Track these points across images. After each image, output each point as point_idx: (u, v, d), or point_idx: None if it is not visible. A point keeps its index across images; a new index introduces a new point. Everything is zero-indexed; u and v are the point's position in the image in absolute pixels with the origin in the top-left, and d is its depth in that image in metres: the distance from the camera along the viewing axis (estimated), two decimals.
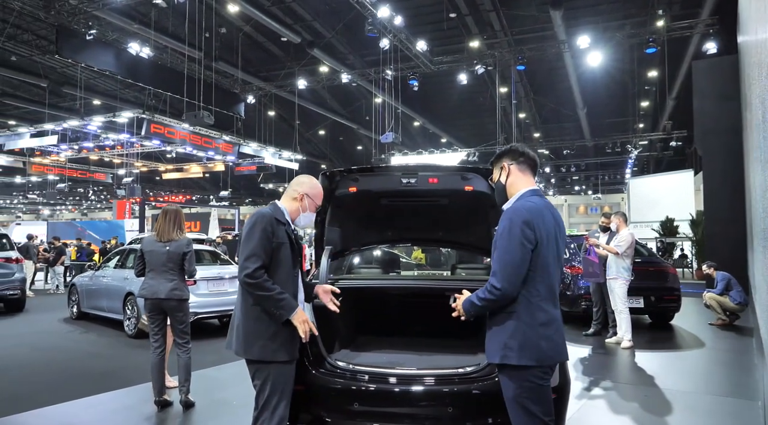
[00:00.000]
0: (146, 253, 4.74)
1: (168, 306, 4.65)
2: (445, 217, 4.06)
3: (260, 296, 2.60)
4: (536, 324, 2.32)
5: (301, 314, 2.66)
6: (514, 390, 2.33)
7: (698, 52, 18.78)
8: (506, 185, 2.55)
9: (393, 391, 2.96)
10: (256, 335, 2.67)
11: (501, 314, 2.37)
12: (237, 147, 22.79)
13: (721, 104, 11.77)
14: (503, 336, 2.34)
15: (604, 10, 19.61)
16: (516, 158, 2.56)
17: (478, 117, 30.82)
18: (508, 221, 2.35)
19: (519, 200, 2.45)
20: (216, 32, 19.03)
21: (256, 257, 2.60)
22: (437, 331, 4.12)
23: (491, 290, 2.32)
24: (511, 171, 2.54)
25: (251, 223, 2.72)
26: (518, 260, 2.29)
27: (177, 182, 34.98)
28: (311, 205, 2.90)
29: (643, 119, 27.66)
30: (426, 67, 20.31)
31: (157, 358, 4.68)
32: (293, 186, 2.92)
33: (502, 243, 2.33)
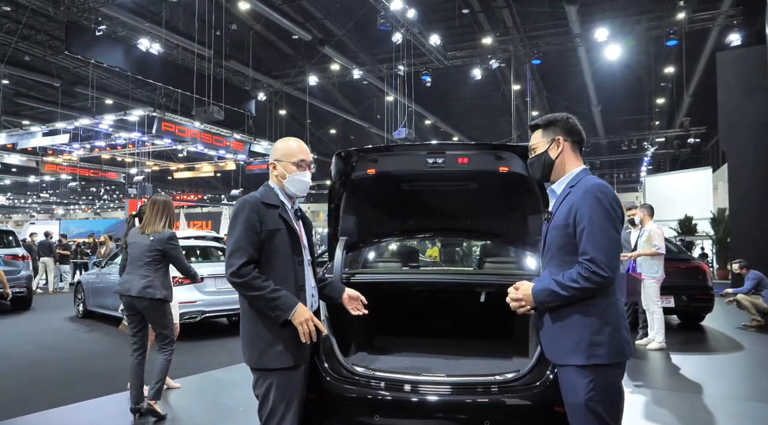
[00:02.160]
0: (129, 245, 4.34)
1: (140, 306, 4.18)
2: (475, 203, 3.65)
3: (251, 296, 2.28)
4: (618, 314, 2.08)
5: (302, 312, 2.29)
6: (586, 394, 2.03)
7: (718, 46, 18.30)
8: (556, 162, 2.26)
9: (420, 401, 2.58)
10: (254, 339, 2.34)
11: (578, 306, 2.07)
12: (248, 146, 22.61)
13: (748, 97, 11.34)
14: (585, 332, 2.05)
15: (621, 5, 19.17)
16: (572, 134, 2.28)
17: (490, 115, 30.46)
18: (595, 199, 2.06)
19: (587, 178, 2.17)
20: (227, 30, 18.86)
21: (240, 251, 2.27)
22: (463, 331, 3.77)
23: (590, 277, 2.00)
24: (565, 148, 2.26)
25: (234, 212, 2.39)
26: (617, 242, 2.06)
27: (188, 181, 34.92)
28: (287, 167, 2.46)
29: (658, 116, 27.13)
30: (439, 62, 20.01)
31: (135, 362, 4.25)
32: (269, 160, 2.56)
33: (597, 222, 2.03)
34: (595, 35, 17.69)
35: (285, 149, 2.50)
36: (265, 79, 23.91)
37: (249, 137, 22.70)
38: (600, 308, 2.05)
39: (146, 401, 4.18)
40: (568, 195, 2.17)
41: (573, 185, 2.19)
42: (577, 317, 2.07)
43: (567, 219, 2.12)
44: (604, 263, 1.99)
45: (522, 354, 3.19)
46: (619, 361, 2.06)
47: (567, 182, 2.23)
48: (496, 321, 3.67)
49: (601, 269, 1.99)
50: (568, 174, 2.24)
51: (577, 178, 2.20)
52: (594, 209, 2.05)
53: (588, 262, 2.01)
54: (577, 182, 2.18)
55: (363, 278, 3.41)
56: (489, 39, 20.25)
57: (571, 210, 2.11)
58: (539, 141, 2.32)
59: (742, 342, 7.47)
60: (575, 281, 2.03)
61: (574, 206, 2.10)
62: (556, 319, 2.13)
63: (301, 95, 25.44)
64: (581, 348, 2.04)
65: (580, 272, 2.02)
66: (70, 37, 14.03)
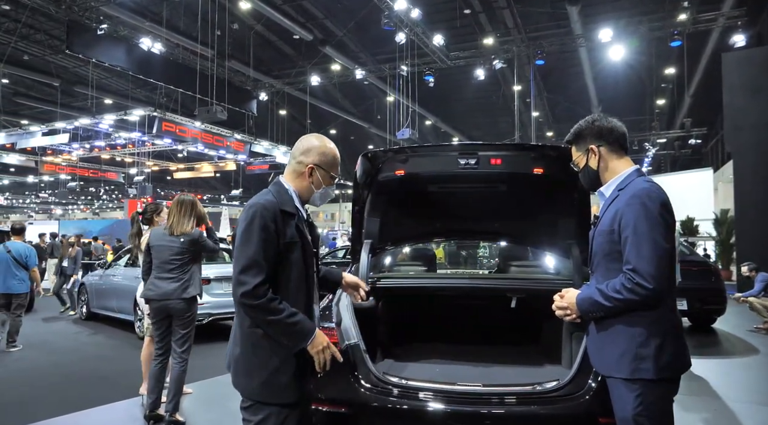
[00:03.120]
0: (154, 248, 4.24)
1: (175, 308, 4.13)
2: (505, 205, 3.53)
3: (266, 321, 1.93)
4: (672, 326, 1.97)
5: (320, 339, 1.99)
6: (634, 408, 1.92)
7: (719, 47, 18.29)
8: (599, 170, 2.16)
9: (460, 412, 2.49)
10: (254, 368, 1.99)
11: (624, 317, 1.96)
12: (248, 146, 22.51)
13: (753, 98, 11.30)
14: (630, 344, 1.94)
15: (622, 5, 19.16)
16: (604, 136, 2.15)
17: (491, 116, 30.44)
18: (641, 204, 1.94)
19: (636, 181, 2.05)
20: (228, 30, 18.78)
21: (256, 268, 1.91)
22: (488, 337, 3.67)
23: (633, 288, 1.89)
24: (602, 154, 2.15)
25: (248, 219, 1.97)
26: (668, 252, 1.91)
27: (188, 181, 34.77)
28: (325, 177, 2.13)
29: (659, 117, 27.14)
30: (442, 63, 19.94)
31: (158, 367, 4.20)
32: (297, 156, 2.15)
33: (641, 230, 1.91)
34: (598, 36, 17.68)
35: (331, 157, 2.15)
36: (266, 79, 23.82)
37: (250, 138, 22.61)
38: (647, 319, 1.95)
39: (166, 415, 4.10)
40: (616, 199, 2.06)
41: (622, 188, 2.08)
42: (622, 328, 1.97)
43: (612, 225, 2.02)
44: (649, 274, 1.87)
45: (553, 361, 3.12)
46: (668, 377, 1.95)
47: (616, 185, 2.12)
48: (522, 326, 3.59)
49: (645, 280, 1.87)
50: (618, 176, 2.14)
51: (627, 180, 2.09)
52: (639, 216, 1.93)
53: (631, 272, 1.91)
54: (626, 185, 2.07)
55: (389, 283, 3.32)
56: (490, 40, 20.20)
57: (617, 215, 2.01)
58: (577, 156, 2.25)
59: (756, 345, 7.40)
60: (618, 292, 1.93)
61: (620, 211, 2.00)
62: (602, 329, 2.04)
63: (301, 95, 25.36)
64: (626, 361, 1.95)
65: (623, 283, 1.92)
66: (72, 36, 13.92)
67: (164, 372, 4.29)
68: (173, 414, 4.11)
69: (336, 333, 2.72)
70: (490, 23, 20.44)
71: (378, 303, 3.16)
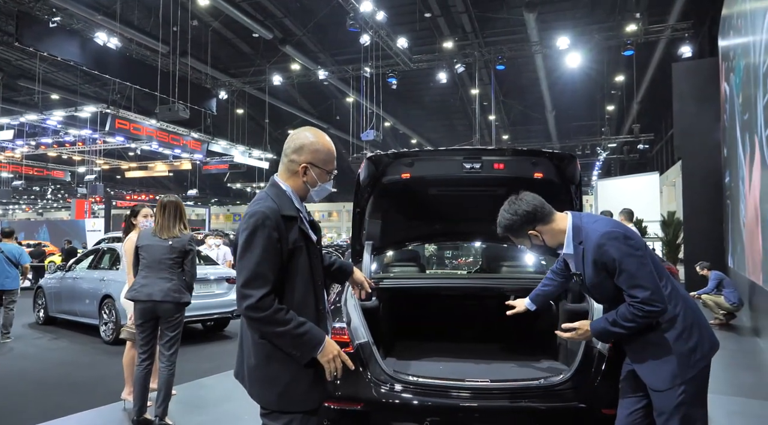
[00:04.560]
0: (142, 248, 4.16)
1: (163, 310, 4.06)
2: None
3: (273, 333, 1.87)
4: (695, 309, 2.24)
5: (330, 348, 1.94)
6: (678, 397, 2.11)
7: (665, 57, 19.26)
8: (546, 242, 2.35)
9: (470, 408, 2.58)
10: (270, 379, 1.94)
11: (661, 331, 2.18)
12: (206, 145, 22.06)
13: (701, 106, 11.96)
14: (681, 348, 2.15)
15: (577, 14, 19.89)
16: (532, 219, 2.33)
17: (448, 119, 30.91)
18: (612, 248, 2.15)
19: (588, 228, 2.25)
20: (185, 27, 18.33)
21: (261, 279, 1.85)
22: (487, 335, 3.79)
23: (648, 315, 2.12)
24: (542, 231, 2.34)
25: (249, 228, 1.89)
26: (652, 273, 2.15)
27: (140, 180, 33.70)
28: (321, 174, 2.04)
29: (608, 122, 28.26)
30: (405, 65, 20.12)
31: (143, 372, 4.10)
32: (289, 154, 2.04)
33: (627, 268, 2.13)
34: (554, 43, 18.23)
35: (326, 153, 2.05)
36: (224, 78, 23.41)
37: (207, 136, 22.14)
38: (676, 323, 2.17)
39: (156, 419, 4.00)
40: (584, 252, 2.24)
41: (581, 241, 2.26)
42: (667, 343, 2.16)
43: (599, 275, 2.21)
44: (653, 299, 2.10)
45: (549, 357, 3.26)
46: (710, 360, 2.19)
47: (572, 241, 2.30)
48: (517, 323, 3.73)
49: (652, 306, 2.10)
50: (566, 234, 2.31)
51: (576, 231, 2.28)
52: (617, 257, 2.14)
53: (639, 304, 2.12)
54: (582, 236, 2.26)
55: (391, 284, 3.39)
56: (450, 43, 20.54)
57: (597, 265, 2.20)
58: (520, 241, 2.43)
59: None
60: (633, 321, 2.14)
61: (598, 261, 2.19)
62: (648, 352, 2.20)
63: (259, 94, 25.05)
64: (683, 364, 2.13)
65: (635, 313, 2.13)
66: (22, 28, 13.26)
67: (150, 376, 4.21)
68: (163, 418, 4.03)
69: (347, 332, 2.77)
70: (448, 27, 20.78)
71: (380, 303, 3.23)
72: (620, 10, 18.74)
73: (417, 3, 18.84)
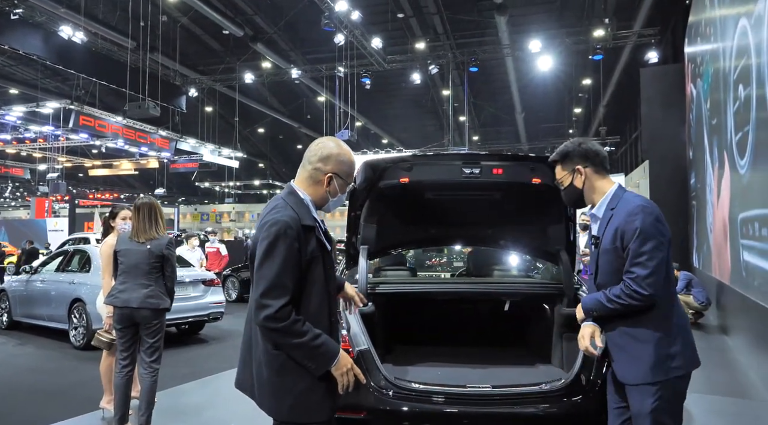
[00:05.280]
0: (120, 253, 4.04)
1: (140, 317, 3.93)
2: (499, 212, 3.64)
3: (289, 345, 1.86)
4: (686, 324, 2.19)
5: (344, 361, 1.93)
6: (652, 404, 2.09)
7: (630, 62, 19.78)
8: (584, 189, 2.33)
9: (473, 413, 2.57)
10: (282, 390, 1.92)
11: (646, 323, 2.13)
12: (174, 143, 21.56)
13: (668, 111, 12.32)
14: (660, 350, 2.11)
15: (547, 18, 20.23)
16: (590, 158, 2.32)
17: (420, 119, 31.02)
18: (639, 220, 2.11)
19: (626, 198, 2.23)
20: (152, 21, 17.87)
21: (280, 290, 1.83)
22: (482, 340, 3.80)
23: (633, 295, 2.08)
24: (587, 175, 2.32)
25: (271, 236, 1.87)
26: (663, 260, 2.10)
27: (104, 179, 32.75)
28: (342, 186, 2.06)
29: (576, 124, 28.84)
30: (379, 65, 20.10)
31: (124, 379, 3.97)
32: (314, 162, 2.02)
33: (641, 243, 2.09)
34: (525, 46, 18.51)
35: (350, 165, 2.07)
36: (193, 75, 22.96)
37: (175, 134, 21.67)
38: (664, 326, 2.13)
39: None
40: (612, 218, 2.21)
41: (613, 207, 2.23)
42: (646, 340, 2.13)
43: (614, 242, 2.18)
44: (646, 282, 2.06)
45: (545, 361, 3.29)
46: (692, 370, 2.17)
47: (606, 205, 2.27)
48: (513, 328, 3.76)
49: (641, 287, 2.07)
50: (605, 196, 2.29)
51: (616, 198, 2.25)
52: (638, 230, 2.11)
53: (630, 280, 2.10)
54: (617, 203, 2.23)
55: (388, 289, 3.36)
56: (422, 44, 20.63)
57: (617, 233, 2.16)
58: (562, 175, 2.40)
59: None
60: (618, 297, 2.12)
61: (620, 228, 2.16)
62: (627, 345, 2.18)
63: (229, 92, 24.65)
64: (658, 365, 2.11)
65: (622, 289, 2.12)
66: None
67: (130, 384, 4.08)
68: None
69: (347, 339, 2.74)
70: (420, 28, 20.86)
71: (376, 308, 3.20)
72: (588, 16, 19.17)
73: (389, 3, 18.87)
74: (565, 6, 19.67)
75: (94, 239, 13.05)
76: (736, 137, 6.25)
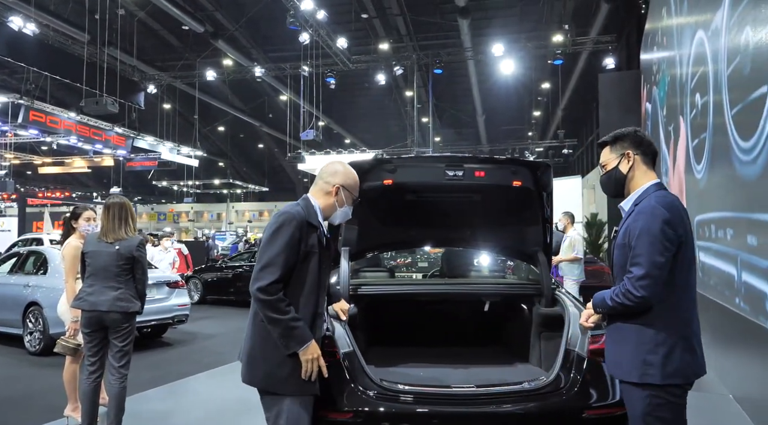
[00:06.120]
0: (88, 254, 3.89)
1: (110, 321, 3.79)
2: (479, 214, 3.67)
3: (271, 318, 2.17)
4: (680, 335, 2.11)
5: (312, 349, 2.21)
6: (643, 409, 2.10)
7: (587, 67, 20.39)
8: (627, 177, 2.26)
9: (459, 414, 2.58)
10: (261, 358, 2.24)
11: (637, 323, 2.12)
12: (131, 141, 20.91)
13: (625, 116, 12.74)
14: (640, 351, 2.10)
15: (509, 22, 20.62)
16: (642, 146, 2.26)
17: (383, 120, 31.11)
18: (646, 221, 2.09)
19: (650, 197, 2.19)
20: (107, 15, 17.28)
21: (274, 268, 2.17)
22: (461, 340, 3.83)
23: (627, 295, 2.08)
24: (635, 162, 2.25)
25: (276, 224, 2.25)
26: (661, 266, 2.05)
27: (53, 177, 31.46)
28: (348, 197, 2.42)
29: (535, 127, 29.50)
30: (344, 65, 20.03)
31: (91, 386, 3.84)
32: (325, 177, 2.42)
33: (642, 245, 2.08)
34: (487, 49, 18.80)
35: (354, 180, 2.45)
36: (151, 71, 22.33)
37: (132, 132, 21.02)
38: (655, 328, 2.09)
39: None
40: (632, 214, 2.19)
41: (638, 203, 2.19)
42: (633, 337, 2.13)
43: (625, 238, 2.17)
44: (639, 283, 2.04)
45: (522, 360, 3.36)
46: (675, 383, 2.08)
47: (633, 200, 2.24)
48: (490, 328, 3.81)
49: (634, 288, 2.05)
50: (638, 190, 2.24)
51: (645, 194, 2.20)
52: (642, 231, 2.08)
53: (626, 279, 2.09)
54: (642, 200, 2.19)
55: (370, 291, 3.36)
56: (385, 45, 20.70)
57: (627, 230, 2.16)
58: (609, 157, 2.31)
59: None
60: (617, 296, 2.13)
61: (630, 226, 2.15)
62: (616, 337, 2.21)
63: (188, 89, 24.11)
64: (635, 366, 2.10)
65: (621, 289, 2.11)
66: None
67: (98, 391, 3.94)
68: None
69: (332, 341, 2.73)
70: (384, 29, 20.94)
71: (358, 310, 3.20)
72: (548, 21, 19.67)
73: (353, 3, 18.85)
74: (526, 11, 20.11)
75: (48, 239, 12.53)
76: (693, 143, 6.52)
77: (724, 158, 4.84)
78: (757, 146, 3.71)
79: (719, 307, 5.36)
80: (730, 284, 4.76)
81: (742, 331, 4.32)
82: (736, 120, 4.34)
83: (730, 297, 4.78)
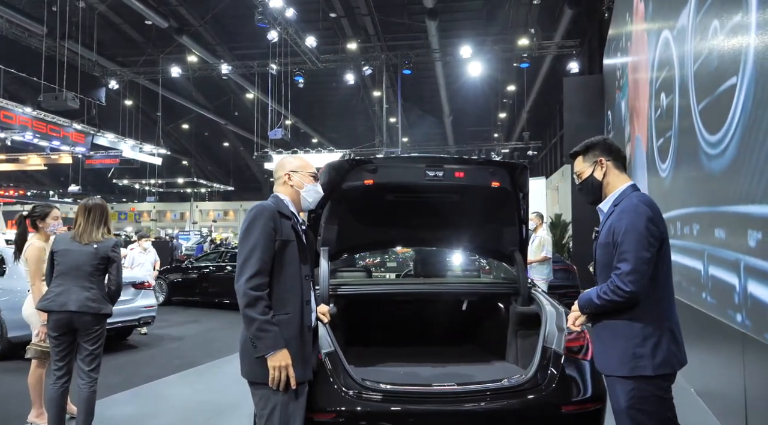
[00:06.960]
0: (58, 253, 3.73)
1: (79, 322, 3.65)
2: (458, 214, 3.69)
3: (247, 315, 2.19)
4: (665, 327, 2.20)
5: (282, 357, 2.19)
6: (627, 401, 2.16)
7: (551, 71, 20.84)
8: (603, 183, 2.37)
9: (442, 412, 2.60)
10: (246, 352, 2.29)
11: (624, 319, 2.19)
12: (90, 137, 20.25)
13: (589, 119, 13.04)
14: (630, 344, 2.17)
15: (476, 25, 20.87)
16: (611, 152, 2.38)
17: (350, 119, 31.06)
18: (630, 219, 2.18)
19: (630, 196, 2.28)
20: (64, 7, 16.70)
21: (254, 259, 2.23)
22: (438, 339, 3.84)
23: (616, 291, 2.13)
24: (608, 168, 2.36)
25: (250, 218, 2.33)
26: (647, 261, 2.13)
27: (7, 174, 30.19)
28: (304, 177, 2.51)
29: (500, 129, 29.94)
30: (313, 64, 19.88)
31: (59, 391, 3.69)
32: (277, 173, 2.55)
33: (628, 242, 2.15)
34: (457, 51, 18.97)
35: (300, 161, 2.57)
36: (112, 66, 21.71)
37: (92, 128, 20.37)
38: (643, 322, 2.17)
39: None
40: (612, 214, 2.27)
41: (617, 204, 2.28)
42: (622, 332, 2.19)
43: (608, 238, 2.24)
44: (628, 278, 2.11)
45: (499, 358, 3.39)
46: (664, 373, 2.17)
47: (612, 201, 2.32)
48: (467, 326, 3.84)
49: (623, 283, 2.12)
50: (615, 191, 2.34)
51: (622, 196, 2.30)
52: (627, 229, 2.16)
53: (614, 276, 2.15)
54: (621, 200, 2.28)
55: (351, 291, 3.34)
56: (353, 45, 20.66)
57: (611, 229, 2.23)
58: (582, 167, 2.41)
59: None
60: (605, 294, 2.18)
61: (613, 225, 2.22)
62: (604, 334, 2.27)
63: (151, 86, 23.55)
64: (626, 360, 2.17)
65: (608, 285, 2.17)
66: None
67: (66, 396, 3.79)
68: None
69: None
70: (352, 29, 20.90)
71: (337, 310, 3.18)
72: (513, 25, 20.01)
73: (321, 2, 18.74)
74: (492, 15, 20.40)
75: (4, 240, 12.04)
76: (657, 143, 6.72)
77: (690, 155, 4.97)
78: (725, 138, 3.80)
79: (682, 305, 5.54)
80: (695, 281, 4.91)
81: (704, 328, 4.47)
82: (704, 115, 4.46)
83: (696, 293, 4.93)
